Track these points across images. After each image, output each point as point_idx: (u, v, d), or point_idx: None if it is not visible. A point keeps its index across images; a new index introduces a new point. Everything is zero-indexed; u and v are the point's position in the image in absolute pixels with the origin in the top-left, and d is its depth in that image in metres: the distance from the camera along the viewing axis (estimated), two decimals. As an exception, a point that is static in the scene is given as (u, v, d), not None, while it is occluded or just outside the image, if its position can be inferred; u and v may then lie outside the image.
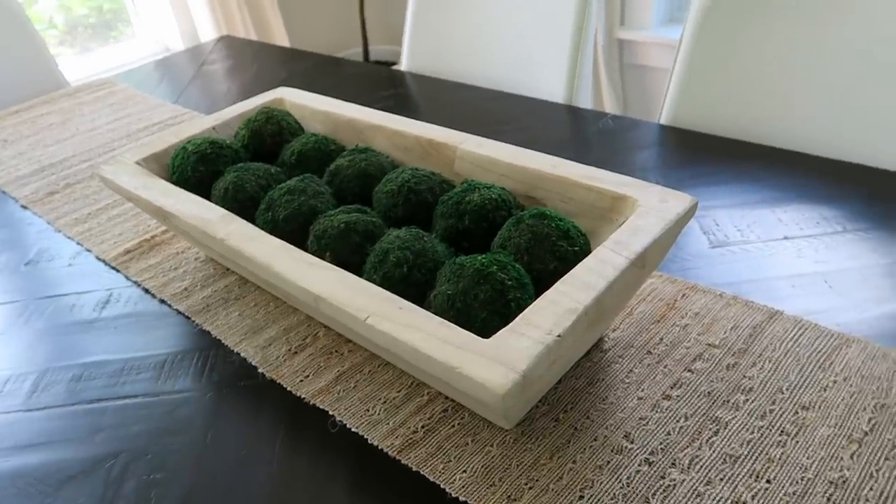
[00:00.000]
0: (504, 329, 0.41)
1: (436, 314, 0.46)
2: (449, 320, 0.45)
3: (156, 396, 0.57)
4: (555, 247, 0.49)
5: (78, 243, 0.81)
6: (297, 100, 0.79)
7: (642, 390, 0.52)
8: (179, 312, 0.67)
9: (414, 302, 0.47)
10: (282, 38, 2.35)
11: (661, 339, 0.56)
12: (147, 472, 0.50)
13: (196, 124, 0.75)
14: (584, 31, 1.01)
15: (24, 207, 0.90)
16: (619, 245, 0.47)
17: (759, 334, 0.56)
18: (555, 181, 0.57)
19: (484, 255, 0.48)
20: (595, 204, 0.55)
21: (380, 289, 0.46)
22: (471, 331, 0.43)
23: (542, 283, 0.48)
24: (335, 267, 0.49)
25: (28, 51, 1.39)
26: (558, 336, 0.40)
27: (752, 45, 0.91)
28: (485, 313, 0.45)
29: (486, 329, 0.44)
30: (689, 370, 0.53)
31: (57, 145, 1.06)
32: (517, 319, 0.42)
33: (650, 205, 0.51)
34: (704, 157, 0.83)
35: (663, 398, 0.51)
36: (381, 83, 1.19)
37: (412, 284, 0.50)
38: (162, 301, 0.69)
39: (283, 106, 0.79)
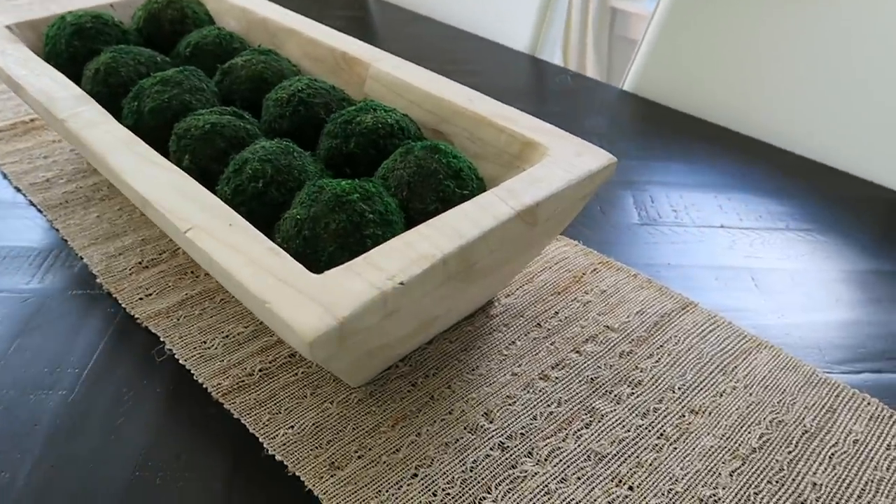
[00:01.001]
0: (340, 267, 0.34)
1: (281, 241, 0.39)
2: (293, 249, 0.38)
3: (-30, 293, 0.49)
4: (440, 186, 0.42)
5: (-52, 115, 0.71)
6: (215, -10, 0.69)
7: (519, 366, 0.45)
8: (32, 204, 0.58)
9: (266, 226, 0.39)
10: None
11: (557, 313, 0.50)
12: (-74, 376, 0.43)
13: (92, -2, 0.65)
14: (560, -23, 0.92)
15: None
16: (509, 193, 0.40)
17: (665, 324, 0.49)
18: (467, 117, 0.49)
19: (349, 181, 0.40)
20: (504, 148, 0.47)
21: (217, 201, 0.39)
22: (316, 266, 0.36)
23: (417, 224, 0.40)
24: (177, 170, 0.41)
25: None
26: (400, 283, 0.33)
27: (731, 23, 0.83)
28: (333, 247, 0.37)
29: (332, 265, 0.37)
30: (577, 351, 0.47)
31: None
32: (359, 258, 0.35)
33: (560, 156, 0.44)
34: (659, 131, 0.76)
35: (540, 378, 0.44)
36: (340, 2, 1.09)
37: (267, 204, 0.42)
38: (17, 189, 0.60)
39: (198, -5, 0.70)
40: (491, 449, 0.40)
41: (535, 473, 0.38)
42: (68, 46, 0.57)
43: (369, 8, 1.08)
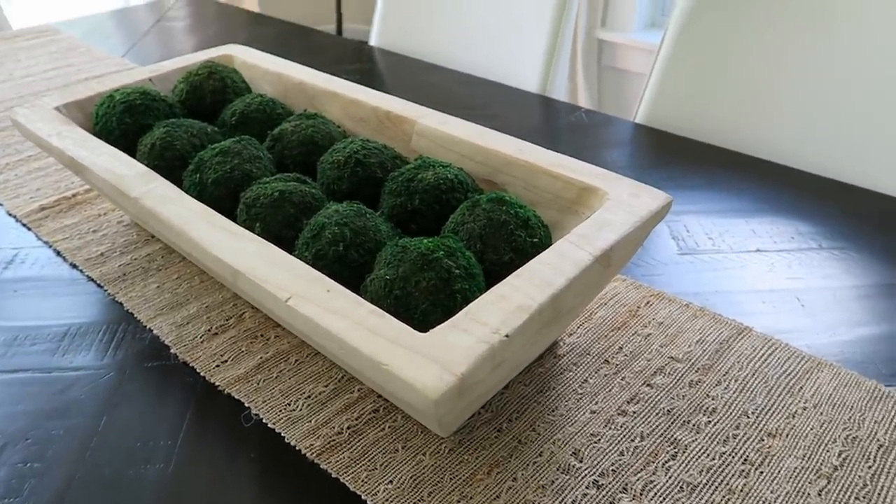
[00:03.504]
0: (444, 324, 0.36)
1: (371, 301, 0.40)
2: (385, 309, 0.39)
3: (48, 372, 0.50)
4: (512, 236, 0.44)
5: (-11, 195, 0.72)
6: (246, 58, 0.72)
7: (596, 403, 0.47)
8: (91, 279, 0.59)
9: (349, 287, 0.41)
10: (251, 4, 2.25)
11: (621, 348, 0.51)
12: (23, 460, 0.43)
13: (130, 74, 0.68)
14: (564, 20, 0.96)
15: (-64, 152, 0.81)
16: (583, 239, 0.42)
17: (725, 350, 0.51)
18: (519, 166, 0.51)
19: (430, 239, 0.42)
20: (560, 194, 0.49)
21: (307, 267, 0.40)
22: (409, 323, 0.37)
23: (495, 275, 0.42)
24: (259, 239, 0.43)
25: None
26: (506, 336, 0.35)
27: (738, 49, 0.87)
28: (426, 304, 0.39)
29: (426, 322, 0.39)
30: (648, 384, 0.48)
31: (-16, 89, 0.97)
32: (460, 314, 0.36)
33: (620, 199, 0.46)
34: (679, 161, 0.79)
35: (618, 413, 0.46)
36: (348, 56, 1.12)
37: (348, 266, 0.44)
38: (73, 266, 0.61)
39: (231, 64, 0.72)
40: (587, 488, 0.41)
41: (634, 508, 0.40)
42: (120, 123, 0.59)
43: (376, 59, 1.11)
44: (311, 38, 1.23)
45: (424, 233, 0.49)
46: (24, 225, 0.67)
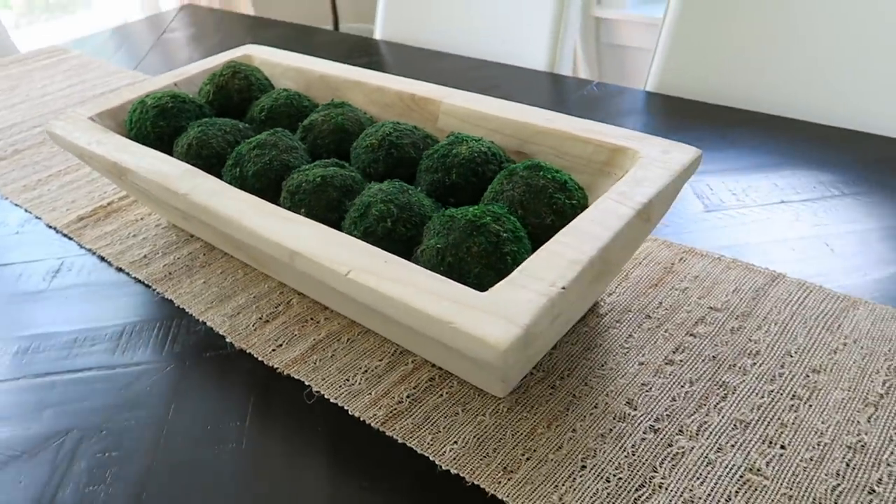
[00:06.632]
0: (502, 282, 0.37)
1: (424, 271, 0.42)
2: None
3: (111, 369, 0.52)
4: (552, 199, 0.46)
5: (26, 210, 0.74)
6: (266, 56, 0.73)
7: (643, 355, 0.48)
8: (139, 281, 0.61)
9: (399, 259, 0.42)
10: (245, 8, 2.26)
11: (661, 302, 0.53)
12: (101, 450, 0.45)
13: (156, 81, 0.69)
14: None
15: (-32, 174, 0.83)
16: (623, 196, 0.43)
17: (762, 297, 0.53)
18: (548, 135, 0.53)
19: (476, 206, 0.44)
20: (592, 157, 0.51)
21: (362, 243, 0.42)
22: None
23: (537, 239, 0.44)
24: (311, 221, 0.45)
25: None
26: (563, 288, 0.36)
27: (743, 10, 0.88)
28: (479, 267, 0.41)
29: (480, 285, 0.40)
30: (691, 334, 0.50)
31: (4, 111, 0.99)
32: (515, 272, 0.38)
33: (652, 156, 0.47)
34: (694, 124, 0.80)
35: (666, 363, 0.48)
36: (355, 51, 1.13)
37: (396, 241, 0.45)
38: (119, 269, 0.63)
39: (251, 63, 0.74)
40: (644, 433, 0.43)
41: (692, 448, 0.41)
42: (154, 127, 0.61)
43: (383, 52, 1.13)
44: (314, 37, 1.24)
45: (462, 206, 0.51)
46: (66, 235, 0.69)
